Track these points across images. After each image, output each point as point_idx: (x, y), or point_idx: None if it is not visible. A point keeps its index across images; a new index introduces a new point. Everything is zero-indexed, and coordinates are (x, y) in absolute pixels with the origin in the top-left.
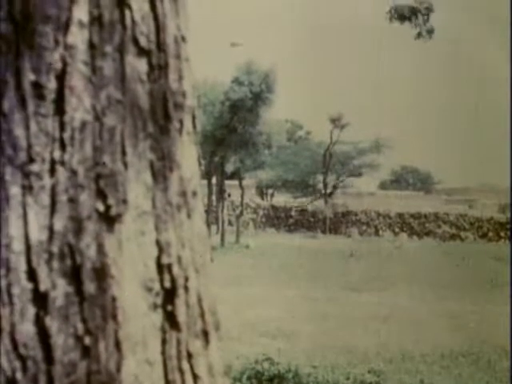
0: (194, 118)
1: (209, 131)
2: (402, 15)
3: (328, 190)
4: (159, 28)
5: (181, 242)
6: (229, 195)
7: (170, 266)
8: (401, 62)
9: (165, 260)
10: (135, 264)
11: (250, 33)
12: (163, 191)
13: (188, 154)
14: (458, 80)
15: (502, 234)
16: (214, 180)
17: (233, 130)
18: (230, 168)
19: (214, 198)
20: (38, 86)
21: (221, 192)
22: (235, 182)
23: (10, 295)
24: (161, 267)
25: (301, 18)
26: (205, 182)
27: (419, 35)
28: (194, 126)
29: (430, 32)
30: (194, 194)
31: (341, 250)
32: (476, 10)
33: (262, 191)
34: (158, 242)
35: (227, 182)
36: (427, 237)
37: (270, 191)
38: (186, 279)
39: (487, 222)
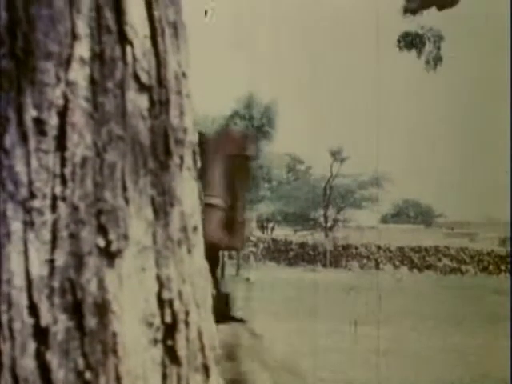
0: (194, 153)
1: None
2: (410, 43)
3: (328, 224)
4: (160, 64)
5: (181, 278)
6: None
7: (170, 301)
8: (402, 96)
9: (166, 295)
10: (136, 299)
11: (250, 66)
12: (164, 227)
13: (188, 190)
14: (459, 114)
15: (503, 267)
16: None
17: None
18: None
19: None
20: (39, 122)
21: None
22: None
23: (11, 330)
24: (162, 302)
25: (301, 51)
26: None
27: (427, 63)
28: (195, 162)
29: (437, 60)
30: (195, 229)
31: (341, 283)
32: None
33: (262, 225)
34: (158, 278)
35: None
36: (428, 270)
37: (270, 225)
38: (187, 314)
39: (488, 256)
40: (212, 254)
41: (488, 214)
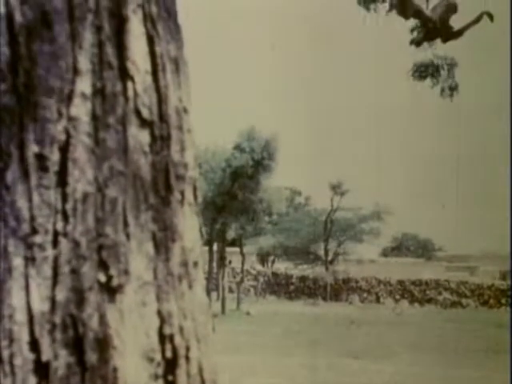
0: (195, 188)
1: (210, 198)
2: (424, 73)
3: (329, 257)
4: (161, 100)
5: (182, 313)
6: (230, 262)
7: (171, 337)
8: (401, 129)
9: (166, 330)
10: (137, 334)
11: (251, 100)
12: (165, 262)
13: (189, 225)
14: (459, 148)
15: (503, 301)
16: (214, 247)
17: (233, 197)
18: (230, 235)
19: (214, 264)
20: (41, 158)
21: (222, 259)
22: (236, 249)
23: (11, 366)
24: (162, 337)
25: (302, 85)
26: (206, 248)
27: (442, 91)
28: (195, 197)
29: (453, 89)
30: (195, 264)
31: (342, 317)
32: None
33: (262, 258)
34: (159, 313)
35: (228, 249)
36: (428, 304)
37: (270, 258)
38: (188, 349)
39: (488, 289)
40: None
41: (488, 248)
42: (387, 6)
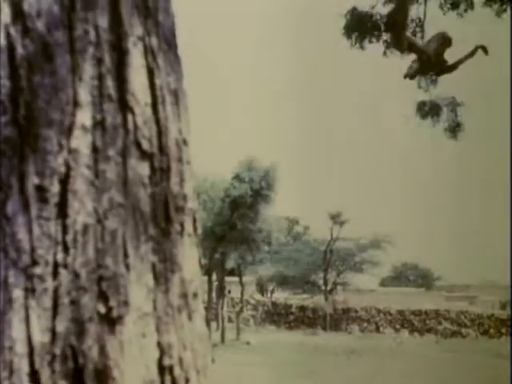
0: (194, 220)
1: (209, 228)
2: (426, 112)
3: (328, 287)
4: (161, 132)
5: (182, 344)
6: (229, 292)
7: (171, 368)
8: (401, 159)
9: (166, 362)
10: (137, 366)
11: (250, 130)
12: (164, 293)
13: (189, 256)
14: (458, 177)
15: (503, 330)
16: (214, 276)
17: (233, 227)
18: (230, 264)
19: (214, 294)
20: (41, 190)
21: (221, 288)
22: (235, 279)
23: None
24: (162, 369)
25: (301, 116)
26: (205, 278)
27: (446, 131)
28: (195, 229)
29: (456, 128)
30: (195, 295)
31: (342, 346)
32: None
33: (262, 288)
34: (159, 344)
35: (227, 279)
36: (428, 333)
37: (270, 288)
38: (187, 381)
39: (488, 319)
40: None
41: (488, 277)
42: (382, 45)
